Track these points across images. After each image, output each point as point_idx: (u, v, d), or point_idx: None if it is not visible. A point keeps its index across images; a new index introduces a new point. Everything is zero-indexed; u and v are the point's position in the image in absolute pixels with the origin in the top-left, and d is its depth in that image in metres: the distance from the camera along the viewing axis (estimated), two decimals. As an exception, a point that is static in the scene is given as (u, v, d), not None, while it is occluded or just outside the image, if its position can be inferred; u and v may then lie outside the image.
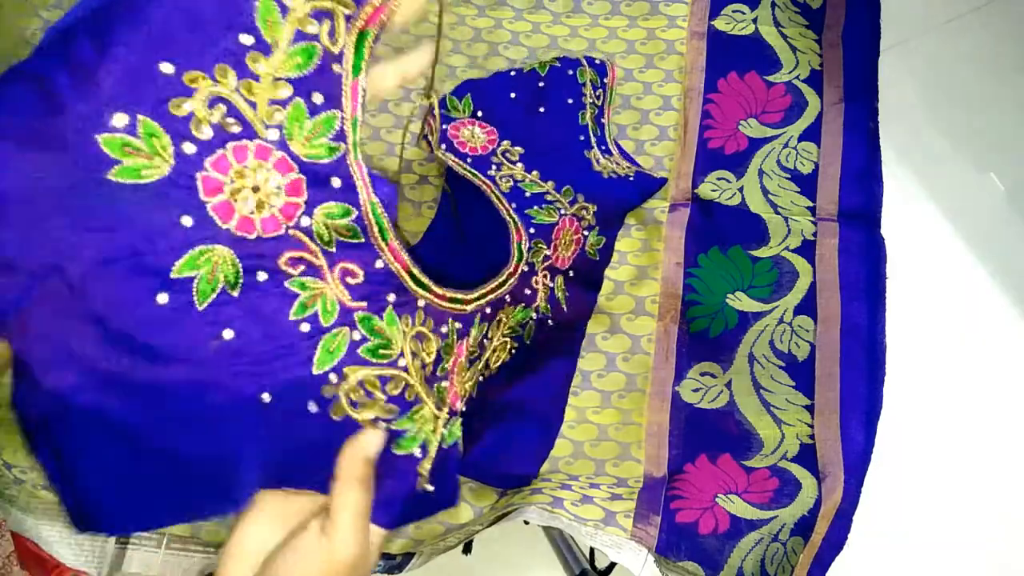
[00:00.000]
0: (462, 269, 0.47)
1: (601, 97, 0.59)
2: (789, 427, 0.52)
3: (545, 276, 0.52)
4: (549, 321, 0.53)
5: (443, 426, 0.38)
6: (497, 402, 0.50)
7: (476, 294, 0.44)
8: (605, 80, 0.60)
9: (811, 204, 0.57)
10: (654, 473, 0.52)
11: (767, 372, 0.53)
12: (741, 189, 0.58)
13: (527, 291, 0.51)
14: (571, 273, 0.55)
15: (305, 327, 0.32)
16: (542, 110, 0.57)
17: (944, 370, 0.80)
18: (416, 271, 0.37)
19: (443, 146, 0.55)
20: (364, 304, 0.34)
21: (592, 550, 0.58)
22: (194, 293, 0.30)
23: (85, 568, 0.52)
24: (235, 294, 0.30)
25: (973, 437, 0.78)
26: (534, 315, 0.51)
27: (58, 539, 0.52)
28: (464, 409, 0.42)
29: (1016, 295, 0.82)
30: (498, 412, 0.50)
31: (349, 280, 0.34)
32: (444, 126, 0.55)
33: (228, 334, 0.30)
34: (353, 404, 0.34)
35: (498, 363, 0.49)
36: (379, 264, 0.35)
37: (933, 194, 0.84)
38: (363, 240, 0.34)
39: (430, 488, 0.37)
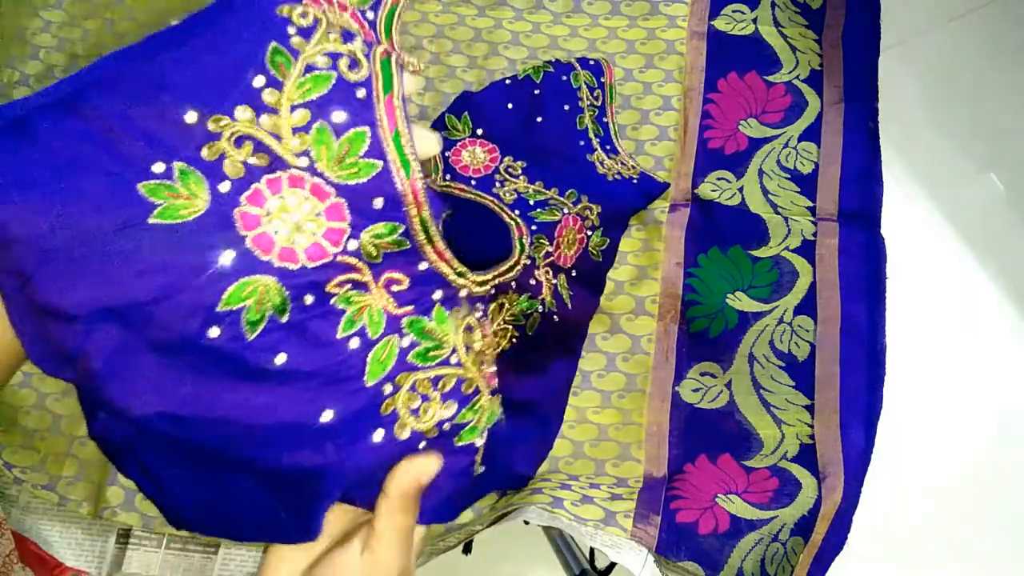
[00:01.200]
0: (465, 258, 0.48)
1: (600, 97, 0.59)
2: (789, 427, 0.52)
3: (547, 272, 0.52)
4: (555, 317, 0.53)
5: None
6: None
7: (490, 275, 0.44)
8: (602, 79, 0.60)
9: (811, 204, 0.57)
10: (654, 473, 0.52)
11: (767, 372, 0.53)
12: (741, 189, 0.58)
13: (532, 282, 0.51)
14: (574, 272, 0.55)
15: (355, 342, 0.33)
16: (540, 120, 0.57)
17: (944, 370, 0.80)
18: (456, 263, 0.36)
19: (447, 176, 0.55)
20: (411, 308, 0.35)
21: (592, 550, 0.58)
22: (243, 325, 0.30)
23: (85, 568, 0.52)
24: (283, 320, 0.31)
25: (973, 437, 0.78)
26: (540, 307, 0.51)
27: (58, 539, 0.52)
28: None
29: (1016, 295, 0.82)
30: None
31: (394, 288, 0.34)
32: (445, 153, 0.55)
33: (280, 359, 0.31)
34: (414, 412, 0.34)
35: (498, 349, 0.49)
36: (423, 266, 0.35)
37: (933, 194, 0.84)
38: (409, 247, 0.34)
39: (481, 469, 0.37)
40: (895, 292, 0.54)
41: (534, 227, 0.52)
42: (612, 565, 0.54)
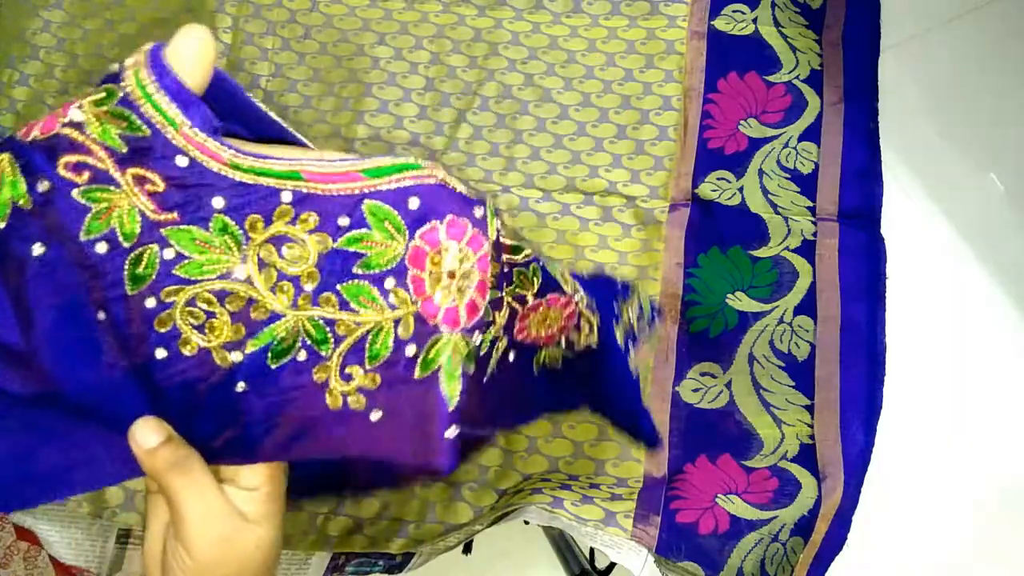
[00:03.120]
0: None
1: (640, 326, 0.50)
2: (789, 427, 0.52)
3: (507, 311, 0.36)
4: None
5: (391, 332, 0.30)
6: None
7: (361, 165, 0.30)
8: (654, 322, 0.51)
9: (811, 204, 0.57)
10: (654, 473, 0.52)
11: (767, 372, 0.53)
12: (741, 189, 0.58)
13: (557, 284, 0.38)
14: (512, 355, 0.38)
15: (102, 247, 0.28)
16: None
17: (944, 370, 0.80)
18: (226, 151, 0.29)
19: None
20: (175, 216, 0.28)
21: (592, 550, 0.58)
22: None
23: (85, 566, 0.52)
24: (28, 207, 0.28)
25: (973, 437, 0.78)
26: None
27: (58, 539, 0.52)
28: (474, 329, 0.31)
29: (1016, 295, 0.82)
30: None
31: (149, 188, 0.28)
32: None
33: (38, 249, 0.28)
34: (199, 329, 0.29)
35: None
36: (182, 161, 0.28)
37: (933, 194, 0.84)
38: (148, 133, 0.29)
39: (363, 410, 0.30)
40: (895, 292, 0.54)
41: (536, 263, 0.38)
42: (612, 565, 0.54)
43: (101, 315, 0.28)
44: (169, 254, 0.28)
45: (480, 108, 0.62)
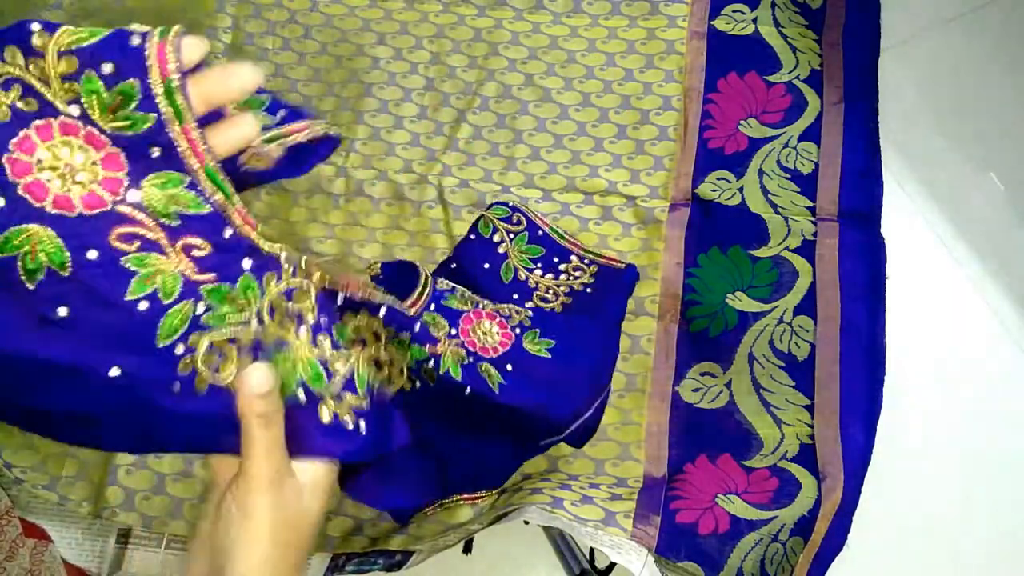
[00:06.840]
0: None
1: (522, 219, 0.58)
2: (789, 427, 0.52)
3: (456, 349, 0.47)
4: (467, 391, 0.47)
5: (345, 365, 0.37)
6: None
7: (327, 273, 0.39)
8: (512, 203, 0.59)
9: (811, 204, 0.57)
10: (654, 473, 0.52)
11: (767, 372, 0.53)
12: (741, 189, 0.58)
13: (428, 335, 0.46)
14: (509, 366, 0.48)
15: (144, 305, 0.31)
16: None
17: (944, 370, 0.80)
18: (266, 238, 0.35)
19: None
20: (212, 276, 0.33)
21: (592, 550, 0.58)
22: (21, 273, 0.30)
23: (85, 566, 0.52)
24: (65, 274, 0.30)
25: (973, 437, 0.78)
26: (430, 363, 0.46)
27: (58, 539, 0.52)
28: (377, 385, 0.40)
29: (1016, 295, 0.82)
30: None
31: (195, 253, 0.33)
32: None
33: (63, 311, 0.30)
34: (213, 369, 0.33)
35: (396, 386, 0.45)
36: (227, 233, 0.33)
37: (933, 194, 0.84)
38: (209, 210, 0.33)
39: (351, 426, 0.36)
40: (895, 292, 0.54)
41: (432, 305, 0.49)
42: (612, 565, 0.54)
43: (115, 371, 0.31)
44: (201, 308, 0.33)
45: (480, 108, 0.62)
